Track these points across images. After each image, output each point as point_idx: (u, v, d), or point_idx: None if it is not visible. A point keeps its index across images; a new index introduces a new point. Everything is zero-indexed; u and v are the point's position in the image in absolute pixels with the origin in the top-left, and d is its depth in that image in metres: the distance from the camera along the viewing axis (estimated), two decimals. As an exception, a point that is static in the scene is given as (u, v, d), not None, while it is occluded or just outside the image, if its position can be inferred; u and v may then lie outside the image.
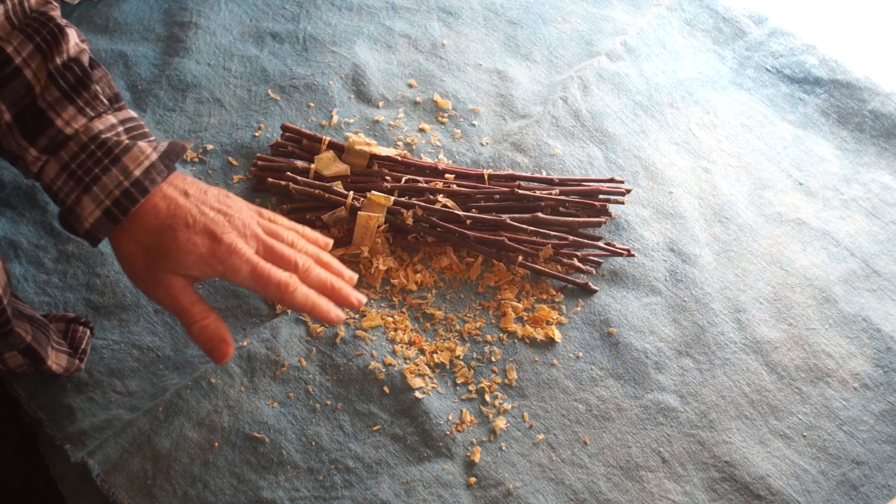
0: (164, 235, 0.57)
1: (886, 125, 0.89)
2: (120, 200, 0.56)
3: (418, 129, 0.85)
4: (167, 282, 0.58)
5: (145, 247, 0.57)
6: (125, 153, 0.57)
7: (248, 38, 0.91)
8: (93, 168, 0.56)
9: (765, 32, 0.97)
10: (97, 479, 0.61)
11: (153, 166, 0.58)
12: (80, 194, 0.56)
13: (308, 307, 0.60)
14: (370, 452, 0.64)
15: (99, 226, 0.56)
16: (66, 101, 0.56)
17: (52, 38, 0.56)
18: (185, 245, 0.57)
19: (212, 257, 0.57)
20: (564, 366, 0.70)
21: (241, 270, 0.58)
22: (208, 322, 0.59)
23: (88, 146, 0.56)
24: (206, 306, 0.59)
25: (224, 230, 0.58)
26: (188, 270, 0.58)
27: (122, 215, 0.56)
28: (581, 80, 0.90)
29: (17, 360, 0.61)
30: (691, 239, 0.79)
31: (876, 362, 0.72)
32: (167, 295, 0.58)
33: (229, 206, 0.60)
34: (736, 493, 0.65)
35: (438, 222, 0.74)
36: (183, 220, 0.57)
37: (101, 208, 0.56)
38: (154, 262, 0.57)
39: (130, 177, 0.56)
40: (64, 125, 0.56)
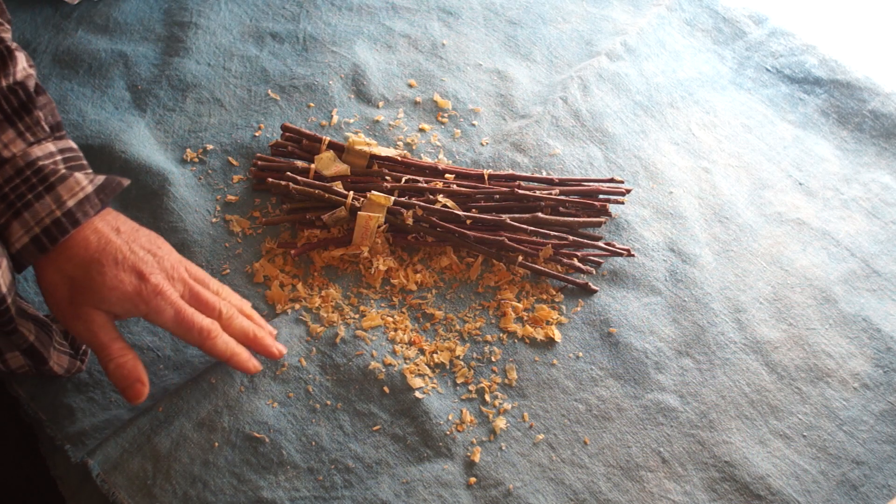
0: (90, 269, 0.57)
1: (886, 125, 0.89)
2: (50, 229, 0.56)
3: (418, 129, 0.85)
4: (88, 316, 0.57)
5: (70, 278, 0.57)
6: (60, 182, 0.56)
7: (248, 38, 0.91)
8: (26, 194, 0.56)
9: (765, 32, 0.97)
10: (97, 479, 0.61)
11: (87, 199, 0.57)
12: (9, 218, 0.56)
13: (227, 355, 0.61)
14: (370, 452, 0.64)
15: (25, 252, 0.56)
16: (7, 124, 0.56)
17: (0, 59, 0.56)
18: (112, 281, 0.56)
19: (137, 296, 0.57)
20: (564, 366, 0.70)
21: (165, 312, 0.58)
22: (126, 360, 0.59)
23: (24, 171, 0.56)
24: (125, 344, 0.59)
25: (152, 270, 0.58)
26: (111, 307, 0.57)
27: (51, 244, 0.56)
28: (581, 80, 0.90)
29: (19, 361, 0.61)
30: (691, 239, 0.79)
31: (876, 362, 0.72)
32: (87, 329, 0.57)
33: (159, 248, 0.60)
34: (736, 493, 0.65)
35: (438, 222, 0.74)
36: (112, 255, 0.57)
37: (30, 235, 0.56)
38: (77, 295, 0.57)
39: (63, 206, 0.56)
40: (2, 148, 0.56)
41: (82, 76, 0.86)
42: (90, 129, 0.81)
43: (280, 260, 0.74)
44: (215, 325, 0.60)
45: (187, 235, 0.75)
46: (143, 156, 0.79)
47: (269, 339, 0.65)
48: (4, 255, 0.57)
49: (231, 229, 0.76)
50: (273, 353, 0.65)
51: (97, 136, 0.80)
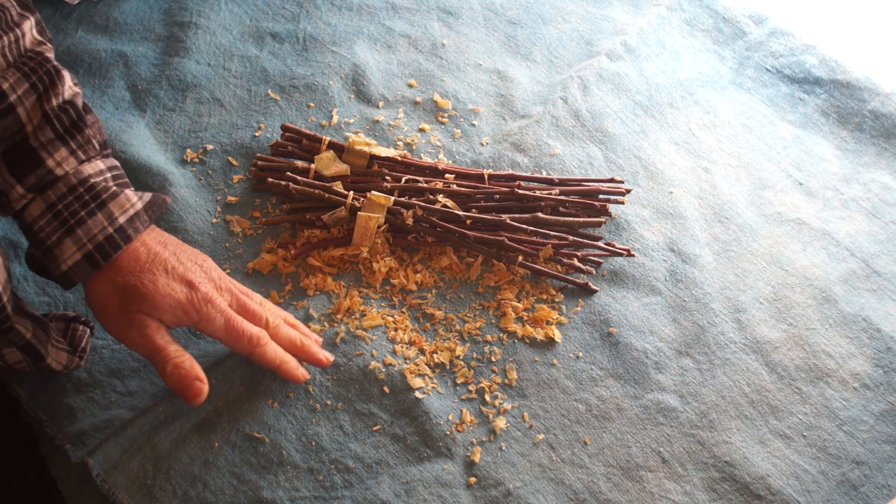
0: (142, 278, 0.58)
1: (886, 125, 0.89)
2: (103, 245, 0.57)
3: (418, 129, 0.85)
4: (141, 322, 0.58)
5: (121, 288, 0.58)
6: (112, 199, 0.58)
7: (248, 38, 0.91)
8: (79, 211, 0.57)
9: (765, 32, 0.97)
10: (97, 479, 0.61)
11: (137, 215, 0.59)
12: (62, 235, 0.56)
13: (277, 363, 0.62)
14: (370, 452, 0.64)
15: (77, 269, 0.57)
16: (60, 142, 0.57)
17: (49, 78, 0.56)
18: (164, 289, 0.58)
19: (189, 304, 0.58)
20: (564, 366, 0.70)
21: (216, 321, 0.59)
22: (182, 360, 0.59)
23: (77, 189, 0.57)
24: (180, 347, 0.60)
25: (201, 280, 0.60)
26: (163, 314, 0.58)
27: (103, 260, 0.57)
28: (581, 80, 0.90)
29: (16, 357, 0.61)
30: (691, 239, 0.79)
31: (876, 362, 0.72)
32: (140, 335, 0.58)
33: (205, 261, 0.62)
34: (736, 493, 0.65)
35: (438, 222, 0.74)
36: (162, 266, 0.59)
37: (83, 252, 0.57)
38: (129, 303, 0.58)
39: (115, 223, 0.57)
40: (55, 166, 0.57)
41: (82, 76, 0.86)
42: (90, 129, 0.81)
43: (280, 258, 0.74)
44: (264, 333, 0.62)
45: (187, 235, 0.75)
46: (143, 156, 0.79)
47: (315, 346, 0.66)
48: (0, 255, 0.57)
49: (231, 229, 0.76)
50: (321, 361, 0.66)
51: (97, 136, 0.80)
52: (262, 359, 0.62)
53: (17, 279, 0.71)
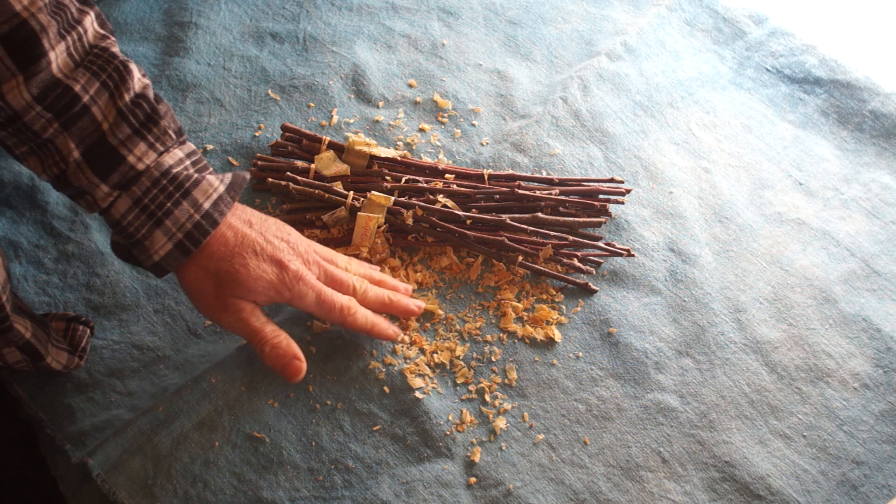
0: (233, 262, 0.59)
1: (886, 125, 0.89)
2: (192, 233, 0.58)
3: (418, 129, 0.85)
4: (236, 306, 0.60)
5: (214, 274, 0.59)
6: (195, 186, 0.59)
7: (248, 38, 0.91)
8: (165, 202, 0.58)
9: (765, 32, 0.97)
10: (97, 479, 0.61)
11: (221, 198, 0.60)
12: (151, 228, 0.57)
13: (368, 327, 0.65)
14: (370, 452, 0.64)
15: (169, 258, 0.58)
16: (138, 137, 0.57)
17: (118, 75, 0.57)
18: (255, 272, 0.60)
19: (280, 284, 0.60)
20: (564, 366, 0.70)
21: (307, 297, 0.61)
22: (279, 340, 0.61)
23: (160, 181, 0.58)
24: (276, 327, 0.62)
25: (290, 258, 0.61)
26: (257, 296, 0.60)
27: (194, 247, 0.58)
28: (581, 80, 0.90)
29: (16, 356, 0.61)
30: (691, 239, 0.79)
31: (876, 362, 0.72)
32: (237, 319, 0.60)
33: (289, 234, 0.63)
34: (736, 493, 0.65)
35: (438, 222, 0.74)
36: (251, 247, 0.60)
37: (173, 241, 0.58)
38: (222, 289, 0.60)
39: (200, 210, 0.58)
40: (136, 161, 0.57)
41: (82, 76, 0.86)
42: (90, 129, 0.81)
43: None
44: (353, 300, 0.64)
45: (187, 235, 0.75)
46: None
47: (405, 299, 0.68)
48: (1, 255, 0.57)
49: (231, 229, 0.76)
50: (412, 310, 0.68)
51: (97, 136, 0.80)
52: (354, 325, 0.64)
53: (17, 279, 0.71)
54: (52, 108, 0.54)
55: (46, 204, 0.75)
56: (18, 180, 0.77)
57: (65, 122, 0.55)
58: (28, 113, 0.54)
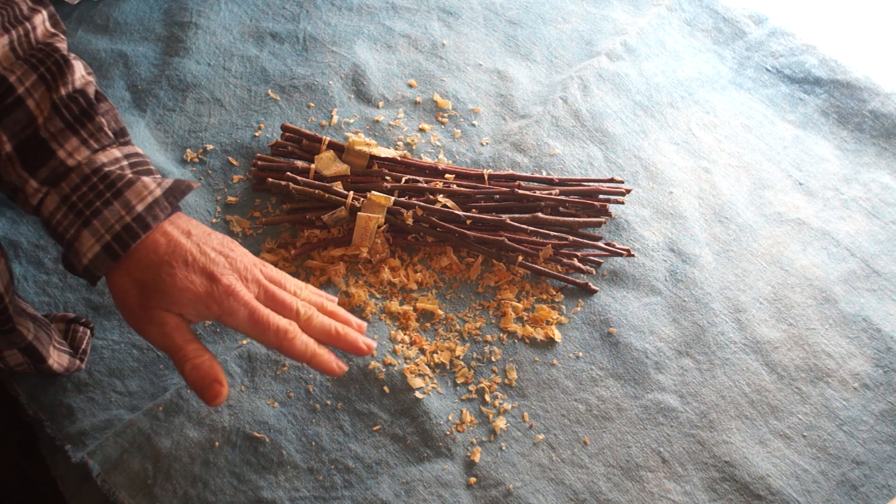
0: (160, 272, 0.55)
1: (886, 125, 0.89)
2: (121, 235, 0.55)
3: (418, 129, 0.85)
4: (160, 318, 0.56)
5: (140, 282, 0.56)
6: (128, 187, 0.55)
7: (248, 38, 0.91)
8: (94, 201, 0.55)
9: (765, 32, 0.97)
10: (97, 478, 0.61)
11: (156, 202, 0.56)
12: (79, 228, 0.55)
13: (308, 356, 0.58)
14: (370, 452, 0.64)
15: (97, 262, 0.55)
16: (70, 132, 0.55)
17: (57, 68, 0.55)
18: (182, 283, 0.55)
19: (208, 298, 0.56)
20: (564, 366, 0.70)
21: (238, 314, 0.56)
22: (202, 360, 0.56)
23: (90, 178, 0.55)
24: (201, 345, 0.57)
25: (223, 272, 0.57)
26: (182, 309, 0.56)
27: (122, 251, 0.55)
28: (581, 80, 0.90)
29: (18, 359, 0.61)
30: (691, 239, 0.79)
31: (876, 362, 0.72)
32: (160, 332, 0.56)
33: (232, 250, 0.59)
34: (736, 493, 0.65)
35: (438, 222, 0.74)
36: (182, 257, 0.56)
37: (101, 243, 0.55)
38: (147, 299, 0.56)
39: (132, 212, 0.55)
40: (66, 156, 0.55)
41: (82, 76, 0.86)
42: (90, 129, 0.81)
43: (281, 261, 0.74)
44: (293, 325, 0.58)
45: (187, 235, 0.75)
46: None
47: (354, 334, 0.61)
48: (3, 256, 0.57)
49: (231, 229, 0.76)
50: (360, 349, 0.60)
51: (97, 136, 0.80)
52: (291, 352, 0.58)
53: (17, 279, 0.71)
54: None
55: (46, 204, 0.75)
56: (18, 180, 0.77)
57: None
58: None
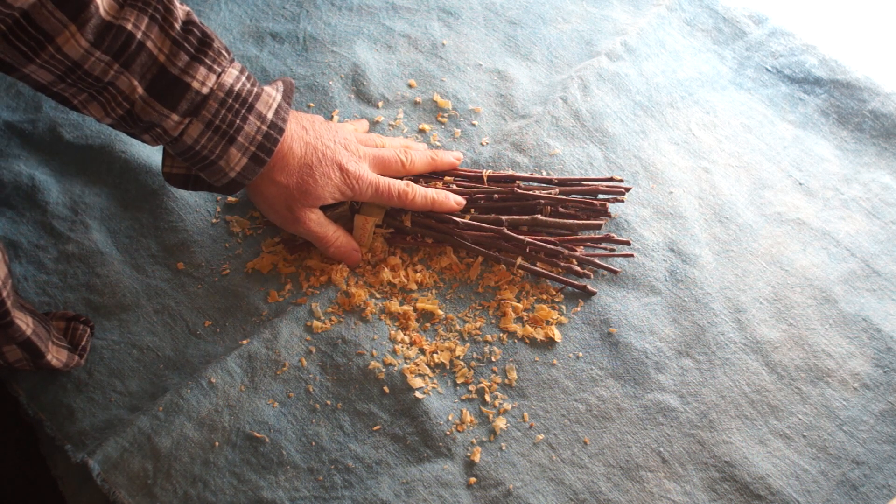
0: (302, 174, 0.66)
1: (886, 125, 0.89)
2: (263, 144, 0.63)
3: (418, 129, 0.85)
4: (306, 217, 0.68)
5: (285, 187, 0.66)
6: (257, 99, 0.63)
7: (248, 38, 0.91)
8: (234, 119, 0.61)
9: (765, 32, 0.97)
10: (97, 478, 0.61)
11: (280, 106, 0.64)
12: (225, 146, 0.61)
13: (429, 205, 0.72)
14: (370, 452, 0.64)
15: (246, 172, 0.63)
16: (196, 62, 0.60)
17: (163, 6, 0.58)
18: (322, 179, 0.67)
19: (343, 185, 0.68)
20: (564, 366, 0.70)
21: (366, 192, 0.69)
22: (340, 242, 0.71)
23: (226, 101, 0.61)
24: (336, 228, 0.70)
25: (349, 160, 0.69)
26: (324, 201, 0.68)
27: (267, 157, 0.63)
28: (581, 80, 0.90)
29: (17, 355, 0.61)
30: (691, 239, 0.79)
31: (876, 362, 0.72)
32: (307, 229, 0.68)
33: (337, 133, 0.70)
34: (736, 493, 0.65)
35: (437, 224, 0.74)
36: (315, 157, 0.67)
37: (248, 155, 0.63)
38: (294, 201, 0.67)
39: (266, 121, 0.63)
40: (200, 86, 0.60)
41: (82, 76, 0.86)
42: (90, 129, 0.81)
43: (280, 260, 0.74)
44: (409, 185, 0.71)
45: (187, 235, 0.75)
46: (143, 156, 0.79)
47: (444, 153, 0.78)
48: (2, 250, 0.57)
49: (231, 229, 0.76)
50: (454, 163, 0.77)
51: (97, 136, 0.80)
52: (414, 207, 0.72)
53: (18, 279, 0.71)
54: (110, 50, 0.56)
55: (46, 204, 0.75)
56: (18, 180, 0.77)
57: (125, 62, 0.57)
58: (87, 60, 0.55)
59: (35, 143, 0.79)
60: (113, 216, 0.76)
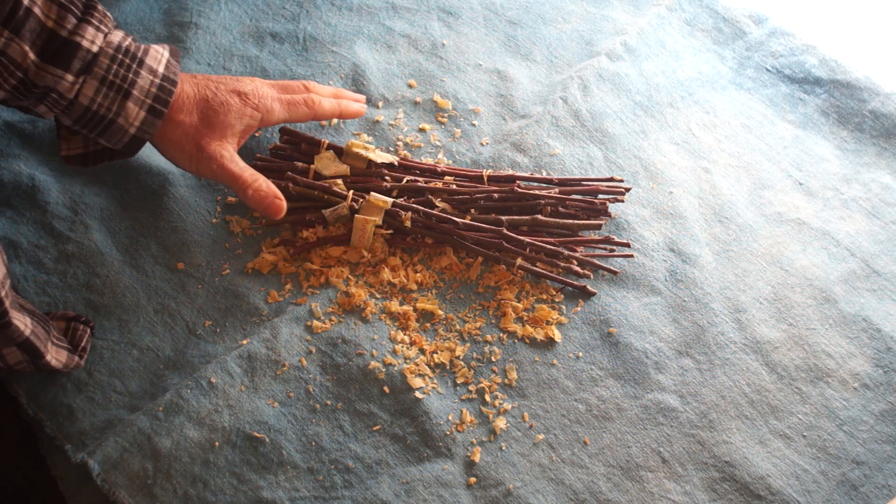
0: (201, 108, 0.66)
1: (886, 125, 0.89)
2: (158, 95, 0.64)
3: (418, 129, 0.85)
4: (215, 154, 0.67)
5: (189, 125, 0.66)
6: (146, 54, 0.64)
7: (248, 38, 0.91)
8: (126, 74, 0.63)
9: (765, 32, 0.97)
10: (97, 478, 0.61)
11: (169, 62, 0.66)
12: (122, 101, 0.63)
13: (338, 112, 0.75)
14: (370, 452, 0.64)
15: (146, 125, 0.64)
16: (84, 23, 0.61)
17: None
18: (222, 108, 0.67)
19: (245, 108, 0.68)
20: (564, 366, 0.70)
21: (272, 108, 0.70)
22: (259, 184, 0.69)
23: (117, 56, 0.62)
24: (254, 171, 0.69)
25: (243, 85, 0.70)
26: (232, 129, 0.68)
27: (164, 108, 0.64)
28: (581, 80, 0.90)
29: (17, 357, 0.61)
30: (691, 239, 0.79)
31: (876, 362, 0.72)
32: (219, 167, 0.67)
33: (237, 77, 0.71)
34: (736, 493, 0.65)
35: (437, 224, 0.74)
36: (210, 91, 0.68)
37: (145, 108, 0.63)
38: (200, 138, 0.67)
39: (157, 74, 0.64)
40: (90, 44, 0.61)
41: (82, 76, 0.86)
42: (90, 129, 0.81)
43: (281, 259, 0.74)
44: (313, 95, 0.73)
45: (187, 235, 0.75)
46: (143, 155, 0.79)
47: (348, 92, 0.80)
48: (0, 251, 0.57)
49: (231, 229, 0.76)
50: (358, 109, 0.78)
51: (97, 136, 0.80)
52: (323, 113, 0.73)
53: (17, 279, 0.71)
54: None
55: (46, 204, 0.75)
56: (18, 180, 0.77)
57: (14, 28, 0.58)
58: None
59: (35, 143, 0.79)
60: (113, 216, 0.76)
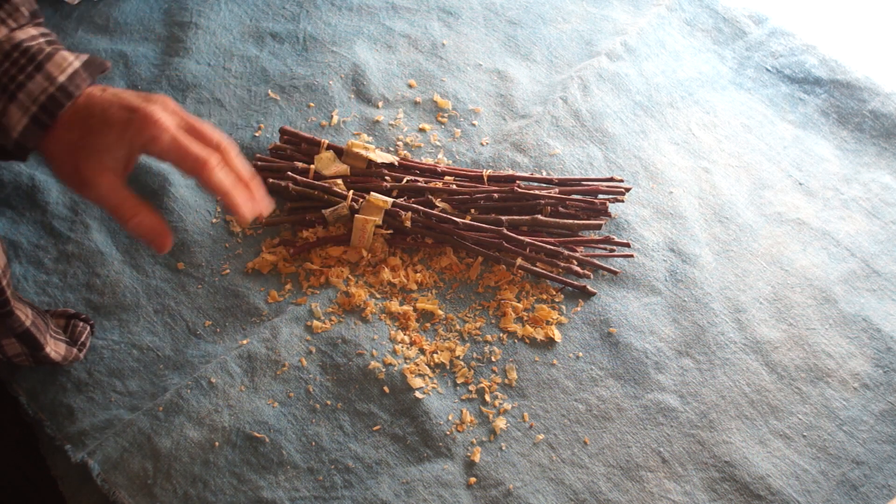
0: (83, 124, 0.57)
1: (886, 125, 0.89)
2: (46, 105, 0.56)
3: (418, 129, 0.85)
4: (96, 180, 0.57)
5: (70, 144, 0.57)
6: (48, 60, 0.57)
7: (248, 38, 0.91)
8: (17, 76, 0.57)
9: (765, 32, 0.97)
10: (97, 478, 0.61)
11: (77, 73, 0.58)
12: (6, 103, 0.56)
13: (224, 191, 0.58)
14: (370, 452, 0.64)
15: (27, 134, 0.57)
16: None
17: None
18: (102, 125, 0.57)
19: (128, 127, 0.57)
20: (564, 366, 0.70)
21: (161, 139, 0.57)
22: (143, 217, 0.58)
23: (12, 54, 0.57)
24: (138, 201, 0.58)
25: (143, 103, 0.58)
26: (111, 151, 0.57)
27: (49, 120, 0.57)
28: (581, 80, 0.90)
29: (16, 349, 0.61)
30: (691, 239, 0.79)
31: (876, 362, 0.72)
32: (98, 194, 0.58)
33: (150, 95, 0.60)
34: (736, 493, 0.65)
35: (437, 224, 0.74)
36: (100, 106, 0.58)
37: (28, 115, 0.56)
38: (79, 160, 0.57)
39: (55, 83, 0.57)
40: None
41: (82, 76, 0.86)
42: (90, 129, 0.81)
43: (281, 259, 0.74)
44: (215, 156, 0.59)
45: (187, 235, 0.75)
46: (143, 156, 0.79)
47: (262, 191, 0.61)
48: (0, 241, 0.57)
49: (231, 229, 0.76)
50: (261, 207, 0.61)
51: (97, 136, 0.80)
52: (209, 183, 0.58)
53: (17, 279, 0.71)
54: None
55: (46, 204, 0.75)
56: (18, 180, 0.77)
57: None
58: None
59: (35, 143, 0.79)
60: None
